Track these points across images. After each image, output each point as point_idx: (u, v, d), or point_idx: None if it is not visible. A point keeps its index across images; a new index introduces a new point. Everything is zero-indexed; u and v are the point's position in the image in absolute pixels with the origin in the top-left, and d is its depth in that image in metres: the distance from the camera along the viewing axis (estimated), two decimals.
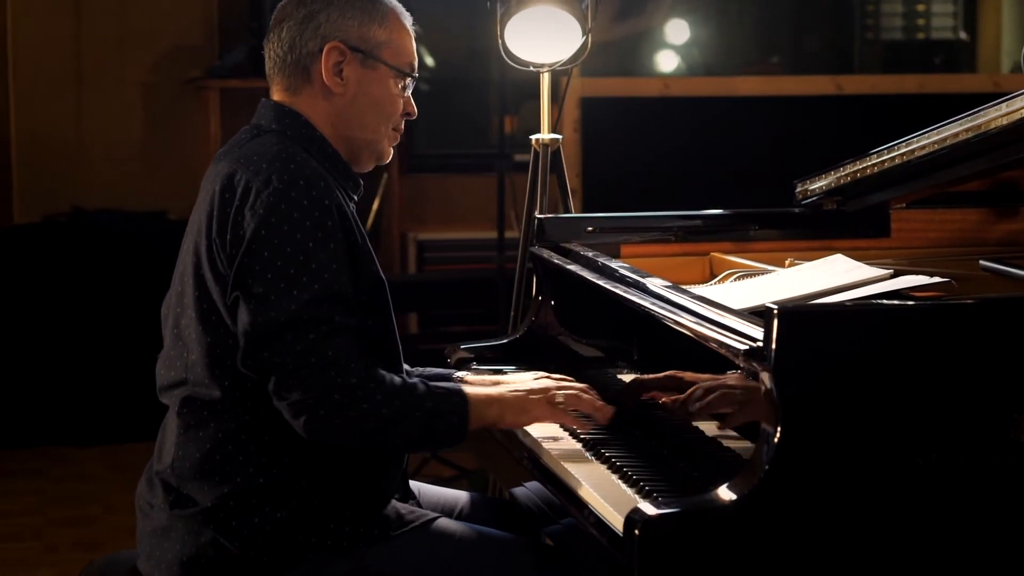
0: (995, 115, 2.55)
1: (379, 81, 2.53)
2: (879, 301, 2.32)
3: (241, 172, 2.40)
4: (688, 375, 2.45)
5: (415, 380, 2.43)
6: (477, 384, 2.60)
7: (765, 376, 2.07)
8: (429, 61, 6.94)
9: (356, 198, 2.56)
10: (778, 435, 2.04)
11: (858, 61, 7.61)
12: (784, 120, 5.86)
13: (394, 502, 2.51)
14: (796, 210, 3.27)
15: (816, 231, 3.20)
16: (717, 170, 5.79)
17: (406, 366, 2.62)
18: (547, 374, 2.63)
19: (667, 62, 7.28)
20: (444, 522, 2.51)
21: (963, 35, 7.79)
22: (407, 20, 2.59)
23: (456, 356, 3.15)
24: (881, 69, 7.21)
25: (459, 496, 2.77)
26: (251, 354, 2.33)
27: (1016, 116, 2.48)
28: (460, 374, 2.74)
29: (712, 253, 3.15)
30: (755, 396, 2.12)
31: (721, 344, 2.20)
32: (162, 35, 6.25)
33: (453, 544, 2.46)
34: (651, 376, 2.60)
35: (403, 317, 6.70)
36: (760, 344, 2.09)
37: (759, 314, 2.15)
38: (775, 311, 2.05)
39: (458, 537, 2.48)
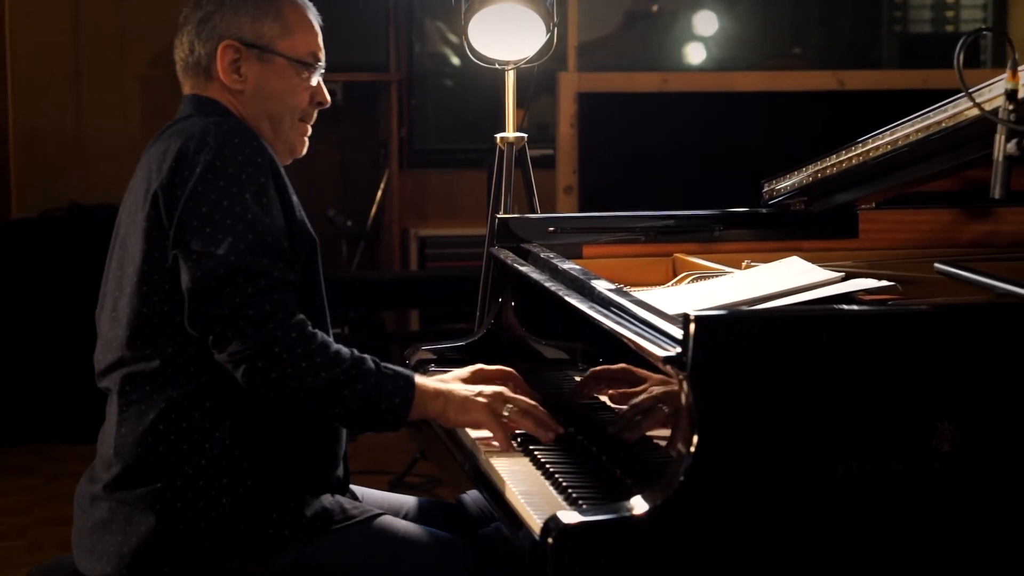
0: (942, 116, 2.51)
1: (278, 74, 2.57)
2: (797, 308, 2.28)
3: (174, 143, 2.44)
4: (640, 371, 2.42)
5: (366, 356, 2.44)
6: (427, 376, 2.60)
7: (683, 383, 2.04)
8: (455, 60, 6.92)
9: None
10: (694, 444, 2.01)
11: (885, 54, 7.54)
12: (785, 116, 5.80)
13: (338, 497, 2.51)
14: (764, 210, 3.23)
15: (783, 231, 3.17)
16: (716, 166, 5.74)
17: None
18: (483, 366, 2.64)
19: (690, 53, 7.26)
20: (387, 519, 2.51)
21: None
22: (307, 10, 2.62)
23: (416, 356, 3.14)
24: (907, 62, 7.13)
25: (405, 500, 2.76)
26: (194, 311, 2.37)
27: (961, 118, 2.44)
28: None
29: (675, 254, 3.12)
30: (678, 403, 2.08)
31: (646, 350, 2.16)
32: (161, 29, 6.21)
33: (395, 540, 2.46)
34: (602, 368, 2.58)
35: (404, 314, 6.68)
36: (679, 350, 2.05)
37: None
38: (691, 317, 2.02)
39: (400, 535, 2.48)
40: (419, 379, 2.47)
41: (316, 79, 2.61)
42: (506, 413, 2.49)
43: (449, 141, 6.88)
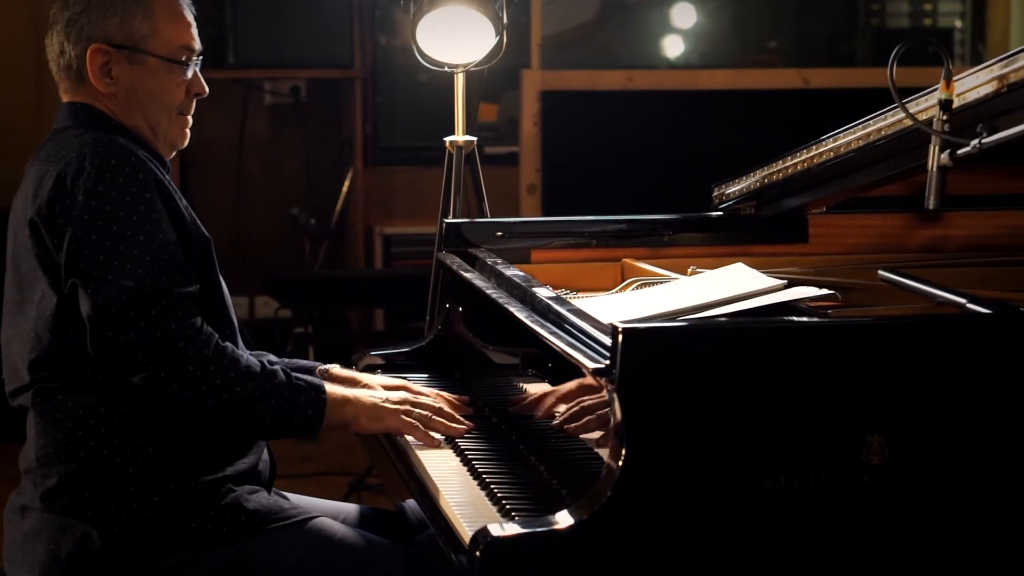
0: (882, 124, 2.50)
1: (150, 74, 2.52)
2: (726, 321, 2.26)
3: (51, 168, 2.42)
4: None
5: (276, 367, 2.46)
6: (340, 380, 2.63)
7: (612, 395, 2.02)
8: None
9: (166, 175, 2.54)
10: (622, 458, 1.99)
11: (861, 49, 7.53)
12: (751, 114, 5.79)
13: (277, 497, 2.53)
14: (714, 215, 3.22)
15: (733, 236, 3.16)
16: (681, 165, 5.72)
17: (271, 356, 2.67)
18: (404, 384, 2.69)
19: (665, 47, 7.25)
20: (325, 520, 2.53)
21: (958, 23, 7.69)
22: (179, 3, 2.56)
23: (364, 362, 3.12)
24: (883, 58, 7.11)
25: (343, 507, 2.76)
26: (97, 337, 2.36)
27: (900, 126, 2.43)
28: (324, 367, 2.74)
29: (624, 259, 3.10)
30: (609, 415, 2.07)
31: (578, 361, 2.15)
32: None
33: (331, 542, 2.48)
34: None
35: (369, 313, 6.65)
36: (609, 363, 2.04)
37: None
38: (619, 329, 2.00)
39: (337, 537, 2.49)
40: (329, 387, 2.50)
41: (191, 72, 2.56)
42: (413, 418, 2.54)
43: (414, 138, 6.84)
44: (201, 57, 2.58)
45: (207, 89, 2.60)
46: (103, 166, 2.38)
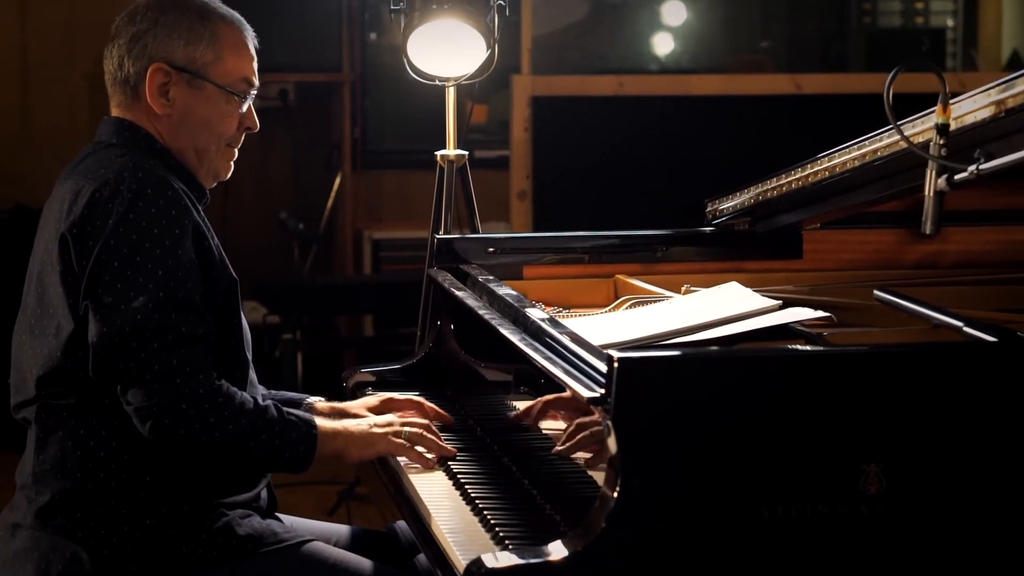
0: (878, 145, 2.48)
1: (207, 101, 2.51)
2: (722, 350, 2.24)
3: (87, 186, 2.39)
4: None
5: (268, 403, 2.44)
6: (327, 413, 2.64)
7: (608, 424, 2.00)
8: None
9: (201, 208, 2.52)
10: (617, 488, 1.96)
11: (852, 49, 7.51)
12: (742, 120, 5.77)
13: (269, 520, 2.52)
14: (707, 230, 3.20)
15: (727, 251, 3.14)
16: (673, 171, 5.70)
17: (262, 388, 2.65)
18: (394, 395, 2.70)
19: (656, 46, 7.23)
20: (318, 544, 2.51)
21: (949, 22, 7.67)
22: (244, 35, 2.55)
23: (355, 379, 3.09)
24: (874, 58, 7.10)
25: (336, 529, 2.75)
26: (99, 363, 2.35)
27: (896, 147, 2.41)
28: (311, 400, 2.73)
29: (617, 275, 3.08)
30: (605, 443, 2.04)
31: (573, 389, 2.12)
32: (110, 26, 6.13)
33: (324, 566, 2.46)
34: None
35: (358, 319, 6.62)
36: (604, 392, 2.01)
37: None
38: (615, 359, 1.97)
39: (331, 561, 2.48)
40: (318, 421, 2.48)
41: (247, 105, 2.55)
42: (403, 439, 2.53)
43: (404, 142, 6.80)
44: (256, 92, 2.56)
45: (258, 124, 2.58)
46: (139, 193, 2.35)
